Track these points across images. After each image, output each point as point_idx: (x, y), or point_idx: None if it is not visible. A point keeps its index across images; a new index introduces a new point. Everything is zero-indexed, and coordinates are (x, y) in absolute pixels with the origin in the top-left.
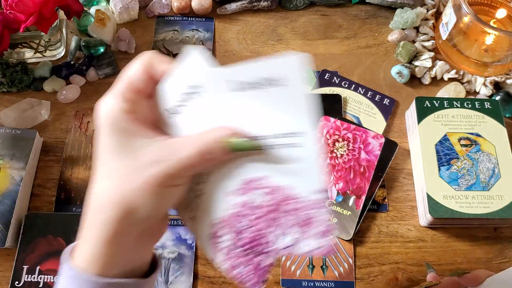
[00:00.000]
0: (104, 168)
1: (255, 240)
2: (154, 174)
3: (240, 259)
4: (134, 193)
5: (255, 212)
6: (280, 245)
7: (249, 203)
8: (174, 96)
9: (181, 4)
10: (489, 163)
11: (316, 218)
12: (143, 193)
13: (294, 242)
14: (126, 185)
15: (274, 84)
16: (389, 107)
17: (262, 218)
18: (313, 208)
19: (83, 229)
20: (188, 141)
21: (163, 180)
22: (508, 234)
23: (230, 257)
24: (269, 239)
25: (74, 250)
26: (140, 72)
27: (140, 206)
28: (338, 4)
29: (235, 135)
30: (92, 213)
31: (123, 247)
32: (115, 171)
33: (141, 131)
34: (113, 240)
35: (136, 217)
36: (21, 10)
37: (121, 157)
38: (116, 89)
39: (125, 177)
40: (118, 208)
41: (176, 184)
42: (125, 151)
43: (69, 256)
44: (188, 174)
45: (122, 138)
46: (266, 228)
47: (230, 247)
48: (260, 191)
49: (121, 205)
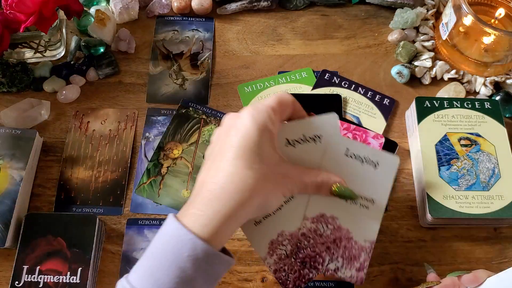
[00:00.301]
0: (245, 158)
1: (309, 257)
2: (285, 185)
3: (290, 266)
4: (267, 192)
5: (317, 239)
6: (326, 267)
7: (316, 230)
8: (298, 132)
9: (181, 4)
10: (489, 163)
11: (359, 257)
12: (272, 195)
13: (336, 268)
14: (262, 181)
15: (375, 164)
16: (389, 107)
17: (321, 244)
18: (359, 250)
19: (203, 202)
20: (311, 173)
21: (288, 193)
22: (508, 234)
23: (282, 261)
24: (320, 261)
25: (185, 217)
26: (290, 101)
27: (267, 203)
28: (338, 4)
29: (341, 183)
30: (221, 189)
31: (236, 226)
32: (256, 164)
33: (273, 140)
34: (234, 217)
35: (260, 209)
36: (21, 10)
37: (260, 155)
38: (270, 101)
39: (263, 175)
40: (254, 196)
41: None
42: (263, 152)
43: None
44: (297, 193)
45: (265, 138)
46: (321, 252)
47: (285, 255)
48: (327, 226)
49: (256, 196)
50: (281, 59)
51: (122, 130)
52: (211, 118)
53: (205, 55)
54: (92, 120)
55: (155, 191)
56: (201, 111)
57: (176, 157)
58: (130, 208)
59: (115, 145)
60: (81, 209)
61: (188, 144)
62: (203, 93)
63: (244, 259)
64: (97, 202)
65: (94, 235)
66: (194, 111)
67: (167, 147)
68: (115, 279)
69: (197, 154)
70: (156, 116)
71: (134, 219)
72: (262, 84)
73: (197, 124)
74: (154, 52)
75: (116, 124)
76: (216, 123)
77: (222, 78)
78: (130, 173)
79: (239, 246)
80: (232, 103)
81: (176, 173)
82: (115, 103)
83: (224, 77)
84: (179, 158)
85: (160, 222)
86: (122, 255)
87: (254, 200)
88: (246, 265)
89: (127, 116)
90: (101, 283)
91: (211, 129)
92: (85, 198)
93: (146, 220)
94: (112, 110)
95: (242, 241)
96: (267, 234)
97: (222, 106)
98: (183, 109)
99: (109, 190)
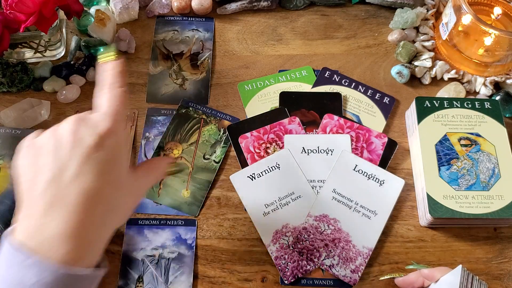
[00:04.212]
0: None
1: (308, 250)
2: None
3: (290, 255)
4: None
5: (317, 235)
6: (321, 261)
7: (317, 228)
8: (314, 144)
9: (181, 4)
10: (489, 163)
11: (355, 260)
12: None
13: (332, 265)
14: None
15: (381, 183)
16: (389, 105)
17: (320, 241)
18: (356, 254)
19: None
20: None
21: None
22: (508, 234)
23: (283, 250)
24: (316, 254)
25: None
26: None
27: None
28: (338, 4)
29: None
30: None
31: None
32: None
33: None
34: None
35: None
36: (21, 10)
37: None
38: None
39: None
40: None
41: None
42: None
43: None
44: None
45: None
46: (318, 248)
47: (286, 245)
48: (328, 225)
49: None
50: (281, 59)
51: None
52: (211, 118)
53: (205, 55)
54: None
55: (155, 191)
56: (201, 111)
57: (176, 157)
58: None
59: None
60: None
61: (188, 144)
62: (203, 93)
63: (244, 259)
64: None
65: None
66: (194, 111)
67: (167, 147)
68: (115, 279)
69: (197, 154)
70: (156, 116)
71: (134, 219)
72: (262, 82)
73: (197, 124)
74: (154, 52)
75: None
76: (216, 123)
77: (222, 78)
78: None
79: (239, 246)
80: (232, 103)
81: (176, 173)
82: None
83: (224, 77)
84: (179, 158)
85: (160, 222)
86: (122, 255)
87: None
88: (246, 265)
89: (127, 116)
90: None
91: (211, 129)
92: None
93: (146, 220)
94: None
95: (242, 241)
96: (273, 224)
97: (222, 106)
98: (183, 109)
99: None
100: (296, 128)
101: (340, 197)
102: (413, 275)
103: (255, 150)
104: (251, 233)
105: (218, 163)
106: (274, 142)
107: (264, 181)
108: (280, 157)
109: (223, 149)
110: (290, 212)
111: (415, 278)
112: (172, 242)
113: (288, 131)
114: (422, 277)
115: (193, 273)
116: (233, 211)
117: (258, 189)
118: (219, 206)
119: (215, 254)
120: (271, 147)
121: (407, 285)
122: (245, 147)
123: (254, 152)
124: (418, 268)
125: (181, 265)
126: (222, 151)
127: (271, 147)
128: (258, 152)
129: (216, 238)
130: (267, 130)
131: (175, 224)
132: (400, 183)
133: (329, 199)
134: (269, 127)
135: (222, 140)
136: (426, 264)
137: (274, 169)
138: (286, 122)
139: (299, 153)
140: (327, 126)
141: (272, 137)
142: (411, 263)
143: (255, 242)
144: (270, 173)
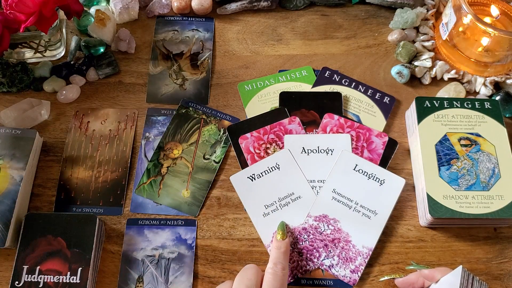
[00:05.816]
0: None
1: (307, 249)
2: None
3: (290, 256)
4: None
5: (316, 235)
6: (321, 261)
7: (317, 228)
8: (314, 144)
9: (181, 4)
10: (489, 163)
11: (355, 260)
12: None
13: (331, 265)
14: None
15: (381, 182)
16: (389, 105)
17: (319, 241)
18: (356, 254)
19: None
20: None
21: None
22: (508, 234)
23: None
24: (316, 255)
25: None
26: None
27: None
28: (338, 4)
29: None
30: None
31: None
32: None
33: None
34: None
35: None
36: (21, 10)
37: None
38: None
39: None
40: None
41: None
42: None
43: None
44: None
45: None
46: (318, 248)
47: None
48: (328, 226)
49: None
50: (281, 59)
51: (122, 130)
52: (211, 118)
53: (205, 55)
54: (92, 120)
55: (155, 191)
56: (201, 111)
57: (176, 157)
58: (130, 208)
59: (115, 145)
60: (81, 209)
61: (188, 144)
62: (203, 93)
63: (244, 259)
64: (97, 202)
65: (94, 235)
66: (194, 111)
67: (167, 147)
68: (115, 279)
69: (197, 154)
70: (156, 116)
71: (134, 219)
72: (262, 82)
73: (197, 124)
74: (154, 52)
75: (116, 124)
76: (216, 123)
77: (222, 78)
78: (130, 173)
79: (239, 246)
80: (232, 103)
81: (176, 173)
82: (115, 103)
83: (224, 77)
84: (179, 158)
85: (160, 222)
86: (122, 255)
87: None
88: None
89: (127, 116)
90: (101, 283)
91: (211, 129)
92: (85, 198)
93: (146, 220)
94: (112, 110)
95: (242, 241)
96: (273, 225)
97: (222, 106)
98: (183, 109)
99: (109, 190)
100: (296, 128)
101: (340, 197)
102: (413, 275)
103: (255, 151)
104: (251, 233)
105: (218, 163)
106: (274, 142)
107: (264, 181)
108: (280, 158)
109: (223, 149)
110: (290, 212)
111: (415, 279)
112: (172, 242)
113: (288, 131)
114: (422, 278)
115: (193, 273)
116: (233, 211)
117: (258, 190)
118: (219, 206)
119: (215, 254)
120: (271, 147)
121: (407, 286)
122: (245, 148)
123: (254, 153)
124: (418, 269)
125: (181, 265)
126: (222, 151)
127: (271, 148)
128: (258, 153)
129: (216, 238)
130: (267, 130)
131: (175, 224)
132: (401, 182)
133: (329, 199)
134: (269, 128)
135: (222, 140)
136: (426, 264)
137: (274, 170)
138: (286, 122)
139: (299, 153)
140: (327, 126)
141: (272, 138)
142: (411, 263)
143: (255, 242)
144: (270, 174)
